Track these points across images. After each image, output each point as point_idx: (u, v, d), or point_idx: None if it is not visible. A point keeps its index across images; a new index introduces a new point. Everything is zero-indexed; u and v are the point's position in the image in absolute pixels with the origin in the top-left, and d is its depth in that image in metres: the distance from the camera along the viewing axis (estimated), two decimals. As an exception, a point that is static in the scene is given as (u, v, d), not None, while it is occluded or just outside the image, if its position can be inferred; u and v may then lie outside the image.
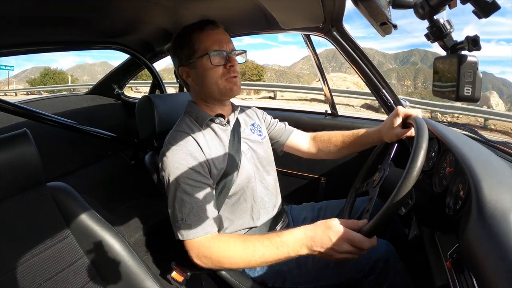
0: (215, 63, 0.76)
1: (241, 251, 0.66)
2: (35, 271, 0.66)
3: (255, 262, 0.65)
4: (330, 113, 1.44)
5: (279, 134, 1.02)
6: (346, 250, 0.58)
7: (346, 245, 0.58)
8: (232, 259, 0.66)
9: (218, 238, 0.70)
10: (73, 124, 1.39)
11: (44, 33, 1.05)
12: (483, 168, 0.50)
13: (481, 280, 0.39)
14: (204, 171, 0.75)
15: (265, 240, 0.65)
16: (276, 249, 0.63)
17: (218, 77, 0.78)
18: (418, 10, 0.47)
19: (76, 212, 0.74)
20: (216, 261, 0.67)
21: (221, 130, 0.84)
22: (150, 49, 1.53)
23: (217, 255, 0.67)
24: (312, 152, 1.02)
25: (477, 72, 0.44)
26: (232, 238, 0.69)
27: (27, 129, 0.71)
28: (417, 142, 0.57)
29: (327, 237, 0.60)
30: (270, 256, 0.64)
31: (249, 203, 0.85)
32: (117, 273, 0.73)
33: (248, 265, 0.66)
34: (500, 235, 0.37)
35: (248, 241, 0.67)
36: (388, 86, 1.16)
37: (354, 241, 0.58)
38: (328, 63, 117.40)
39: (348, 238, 0.58)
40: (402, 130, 0.81)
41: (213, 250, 0.67)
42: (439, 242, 0.60)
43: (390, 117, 0.84)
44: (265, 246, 0.64)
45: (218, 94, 0.80)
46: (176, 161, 0.72)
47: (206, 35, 0.77)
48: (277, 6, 0.91)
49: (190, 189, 0.71)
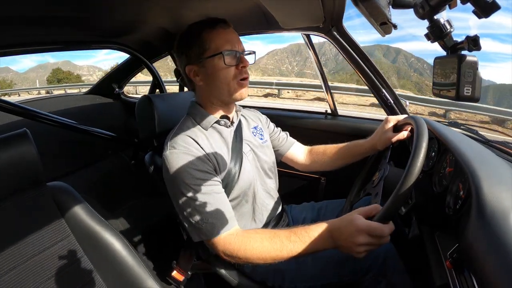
0: (228, 63, 0.74)
1: (268, 247, 0.65)
2: (35, 271, 0.66)
3: (282, 258, 0.64)
4: (330, 113, 1.44)
5: (280, 144, 1.02)
6: (365, 242, 0.57)
7: (364, 236, 0.57)
8: (260, 255, 0.65)
9: (243, 234, 0.69)
10: (73, 124, 1.39)
11: (44, 33, 1.05)
12: (483, 168, 0.50)
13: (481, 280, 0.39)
14: (210, 169, 0.74)
15: (292, 235, 0.65)
16: (304, 244, 0.63)
17: (230, 78, 0.76)
18: (418, 10, 0.47)
19: (76, 212, 0.74)
20: (243, 257, 0.66)
21: (225, 131, 0.83)
22: (150, 48, 1.53)
23: (244, 251, 0.66)
24: (307, 164, 1.03)
25: (477, 72, 0.44)
26: (258, 234, 0.68)
27: (27, 129, 0.71)
28: (417, 141, 0.58)
29: (348, 231, 0.59)
30: (297, 251, 0.63)
31: (251, 206, 0.85)
32: (117, 272, 0.73)
33: (276, 260, 0.66)
34: (500, 234, 0.37)
35: (276, 237, 0.66)
36: (388, 85, 1.16)
37: (373, 231, 0.56)
38: (293, 57, 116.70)
39: (365, 229, 0.57)
40: (394, 133, 0.85)
41: (239, 246, 0.67)
42: (439, 241, 0.60)
43: (381, 126, 0.89)
44: (293, 242, 0.64)
45: (228, 96, 0.78)
46: (181, 164, 0.70)
47: (218, 33, 0.75)
48: (277, 6, 0.91)
49: (204, 188, 0.70)
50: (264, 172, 0.91)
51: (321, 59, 1.41)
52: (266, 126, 1.02)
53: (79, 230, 0.74)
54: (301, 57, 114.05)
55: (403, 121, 0.84)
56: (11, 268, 0.63)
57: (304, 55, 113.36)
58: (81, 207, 0.75)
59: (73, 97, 1.93)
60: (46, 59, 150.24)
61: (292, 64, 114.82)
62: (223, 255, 0.69)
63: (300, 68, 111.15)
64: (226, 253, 0.68)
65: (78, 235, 0.74)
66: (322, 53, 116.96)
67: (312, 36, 1.26)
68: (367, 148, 0.91)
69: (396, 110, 1.16)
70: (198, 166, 0.71)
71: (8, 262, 0.64)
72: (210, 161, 0.74)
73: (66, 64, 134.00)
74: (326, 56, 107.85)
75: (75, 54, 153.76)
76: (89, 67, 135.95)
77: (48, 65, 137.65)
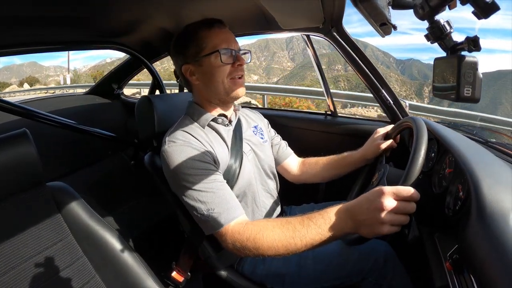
0: (224, 61, 0.75)
1: (280, 234, 0.59)
2: (35, 271, 0.66)
3: (295, 246, 0.58)
4: (330, 113, 1.44)
5: (278, 152, 1.02)
6: (391, 206, 0.51)
7: (390, 200, 0.51)
8: (272, 243, 0.60)
9: (253, 223, 0.65)
10: (73, 124, 1.39)
11: (44, 33, 1.05)
12: (483, 169, 0.50)
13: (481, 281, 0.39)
14: (211, 160, 0.73)
15: (305, 220, 0.59)
16: (319, 228, 0.56)
17: (224, 76, 0.77)
18: (418, 11, 0.47)
19: (76, 212, 0.74)
20: (253, 247, 0.61)
21: (223, 129, 0.83)
22: (150, 49, 1.53)
23: (253, 241, 0.61)
24: (299, 175, 1.03)
25: (477, 73, 0.44)
26: (269, 222, 0.63)
27: (27, 129, 0.71)
28: (416, 142, 0.58)
29: (370, 201, 0.53)
30: (312, 237, 0.57)
31: (250, 207, 0.85)
32: (116, 273, 0.73)
33: (289, 250, 0.59)
34: (499, 235, 0.37)
35: (287, 223, 0.60)
36: (387, 86, 1.16)
37: (400, 192, 0.51)
38: (261, 52, 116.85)
39: (390, 192, 0.51)
40: (382, 141, 0.87)
41: (248, 235, 0.62)
42: (439, 242, 0.60)
43: (371, 137, 0.92)
44: (306, 226, 0.57)
45: (224, 94, 0.79)
46: (182, 156, 0.70)
47: (215, 33, 0.77)
48: (276, 6, 0.91)
49: (206, 178, 0.68)
50: (264, 172, 0.90)
51: (288, 53, 1.41)
52: (267, 129, 1.02)
53: (79, 230, 0.74)
54: (269, 52, 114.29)
55: (396, 127, 0.85)
56: (10, 268, 0.63)
57: (272, 50, 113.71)
58: (81, 207, 0.75)
59: (73, 97, 1.94)
60: (13, 61, 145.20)
61: (260, 59, 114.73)
62: (232, 248, 0.65)
63: (267, 63, 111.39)
64: (236, 244, 0.63)
65: (77, 235, 0.73)
66: (290, 47, 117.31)
67: (303, 35, 1.26)
68: (357, 158, 0.92)
69: (396, 110, 1.16)
70: (199, 157, 0.71)
71: (8, 262, 0.63)
72: (209, 153, 0.74)
73: (32, 65, 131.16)
74: (294, 50, 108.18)
75: (42, 54, 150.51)
76: (56, 68, 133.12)
77: (14, 67, 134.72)
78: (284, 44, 54.39)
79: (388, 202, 0.51)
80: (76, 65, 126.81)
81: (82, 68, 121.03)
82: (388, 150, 0.87)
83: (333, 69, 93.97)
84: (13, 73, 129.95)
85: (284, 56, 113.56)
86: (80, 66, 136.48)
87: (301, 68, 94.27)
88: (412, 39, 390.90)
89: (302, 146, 1.14)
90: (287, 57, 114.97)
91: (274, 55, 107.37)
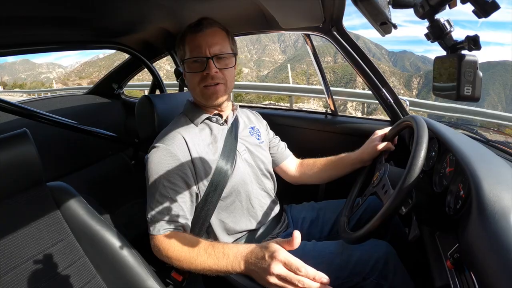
0: (191, 70, 0.78)
1: (186, 253, 0.67)
2: (36, 271, 0.66)
3: (195, 268, 0.65)
4: (330, 113, 1.44)
5: (276, 153, 1.03)
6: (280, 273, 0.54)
7: (279, 267, 0.54)
8: (178, 258, 0.67)
9: (176, 236, 0.70)
10: (73, 124, 1.39)
11: (44, 33, 1.05)
12: (483, 168, 0.50)
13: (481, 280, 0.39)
14: (185, 172, 0.75)
15: (210, 248, 0.66)
16: (217, 260, 0.63)
17: (196, 83, 0.79)
18: (418, 10, 0.47)
19: (76, 211, 0.74)
20: (165, 257, 0.69)
21: (217, 128, 0.84)
22: (150, 48, 1.53)
23: (166, 252, 0.69)
24: (297, 176, 1.04)
25: (477, 72, 0.44)
26: (187, 239, 0.70)
27: (27, 129, 0.71)
28: (417, 141, 0.58)
29: (261, 256, 0.57)
30: (209, 265, 0.64)
31: (245, 206, 0.85)
32: (117, 272, 0.73)
33: (190, 268, 0.66)
34: (500, 234, 0.37)
35: (197, 245, 0.67)
36: (387, 85, 1.16)
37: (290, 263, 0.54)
38: (252, 46, 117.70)
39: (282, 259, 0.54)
40: (379, 142, 0.88)
41: (166, 246, 0.69)
42: (440, 241, 0.60)
43: (369, 138, 0.92)
44: (208, 254, 0.65)
45: (202, 99, 0.81)
46: (158, 160, 0.74)
47: (191, 39, 0.77)
48: (277, 6, 0.91)
49: (164, 189, 0.73)
50: (260, 172, 0.91)
51: (280, 46, 1.41)
52: (266, 131, 1.03)
53: (79, 230, 0.74)
54: (260, 45, 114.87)
55: (396, 127, 0.85)
56: (11, 268, 0.63)
57: (263, 43, 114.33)
58: (81, 207, 0.75)
59: (73, 97, 1.93)
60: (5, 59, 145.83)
61: (251, 52, 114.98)
62: (154, 253, 0.72)
63: (259, 56, 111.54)
64: (155, 250, 0.71)
65: (78, 235, 0.74)
66: (281, 40, 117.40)
67: (303, 34, 1.26)
68: (354, 159, 0.92)
69: (396, 109, 1.16)
70: (172, 165, 0.74)
71: (9, 262, 0.63)
72: (188, 161, 0.76)
73: (24, 63, 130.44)
74: (286, 43, 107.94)
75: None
76: (48, 64, 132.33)
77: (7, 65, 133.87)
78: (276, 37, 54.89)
79: (276, 268, 0.54)
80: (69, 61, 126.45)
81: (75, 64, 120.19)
82: (385, 152, 0.87)
83: (323, 61, 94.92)
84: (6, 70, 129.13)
85: (275, 49, 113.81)
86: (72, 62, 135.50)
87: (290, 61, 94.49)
88: (407, 31, 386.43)
89: (302, 146, 1.14)
90: (279, 50, 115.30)
91: (265, 48, 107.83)
